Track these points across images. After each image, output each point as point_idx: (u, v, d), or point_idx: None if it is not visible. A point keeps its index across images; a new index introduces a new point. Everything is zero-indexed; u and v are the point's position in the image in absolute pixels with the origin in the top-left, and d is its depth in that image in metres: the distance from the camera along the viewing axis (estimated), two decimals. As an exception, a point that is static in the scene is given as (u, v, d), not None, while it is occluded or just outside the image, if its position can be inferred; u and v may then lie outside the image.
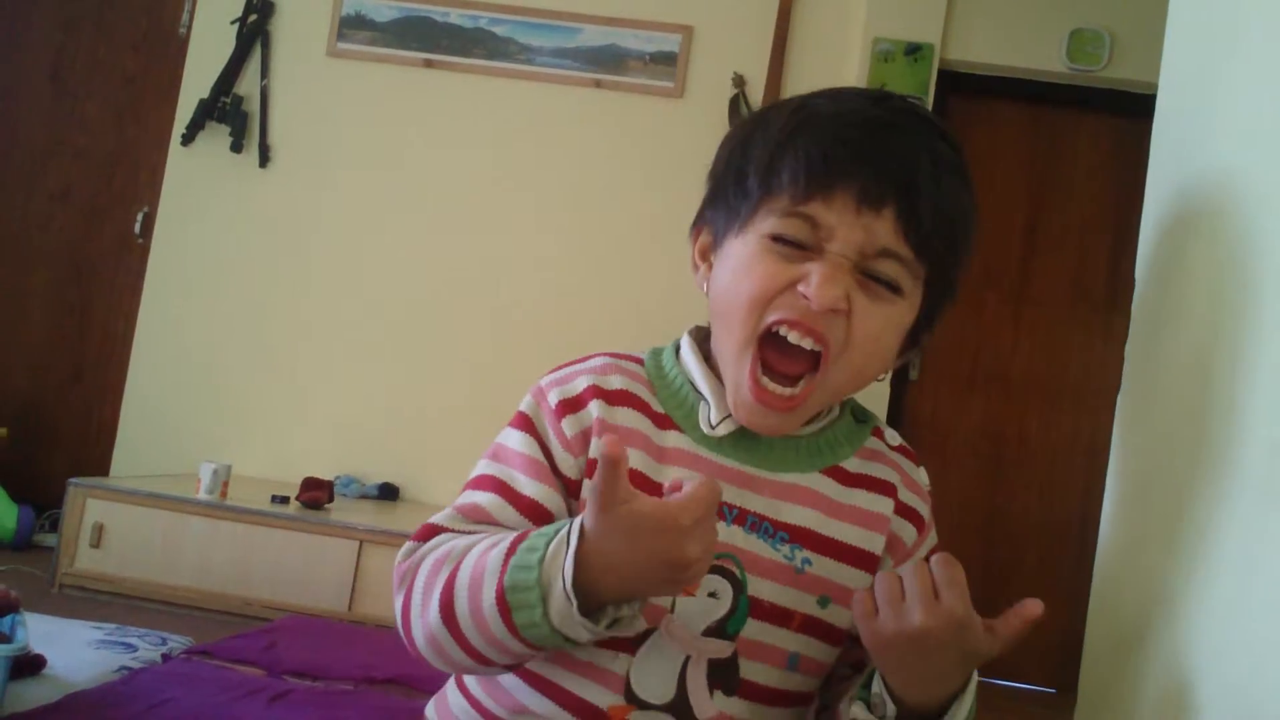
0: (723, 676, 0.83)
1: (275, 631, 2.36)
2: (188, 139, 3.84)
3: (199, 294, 3.84)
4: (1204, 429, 0.91)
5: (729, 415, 0.86)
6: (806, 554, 0.86)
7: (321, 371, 3.79)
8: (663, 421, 0.88)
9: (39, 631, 1.83)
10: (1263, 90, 0.91)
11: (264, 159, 3.84)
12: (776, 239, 0.82)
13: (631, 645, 0.82)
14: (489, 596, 0.74)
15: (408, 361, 3.76)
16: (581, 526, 0.72)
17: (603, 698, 0.82)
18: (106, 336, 4.00)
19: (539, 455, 0.86)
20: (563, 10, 3.79)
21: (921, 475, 0.95)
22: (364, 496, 3.56)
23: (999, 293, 3.72)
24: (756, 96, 3.65)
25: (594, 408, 0.86)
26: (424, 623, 0.79)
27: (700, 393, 0.89)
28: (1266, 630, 0.76)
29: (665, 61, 3.73)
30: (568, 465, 0.86)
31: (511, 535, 0.77)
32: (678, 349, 0.93)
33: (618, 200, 3.66)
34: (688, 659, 0.83)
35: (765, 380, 0.82)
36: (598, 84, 3.76)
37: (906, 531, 0.91)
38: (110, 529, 2.96)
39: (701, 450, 0.87)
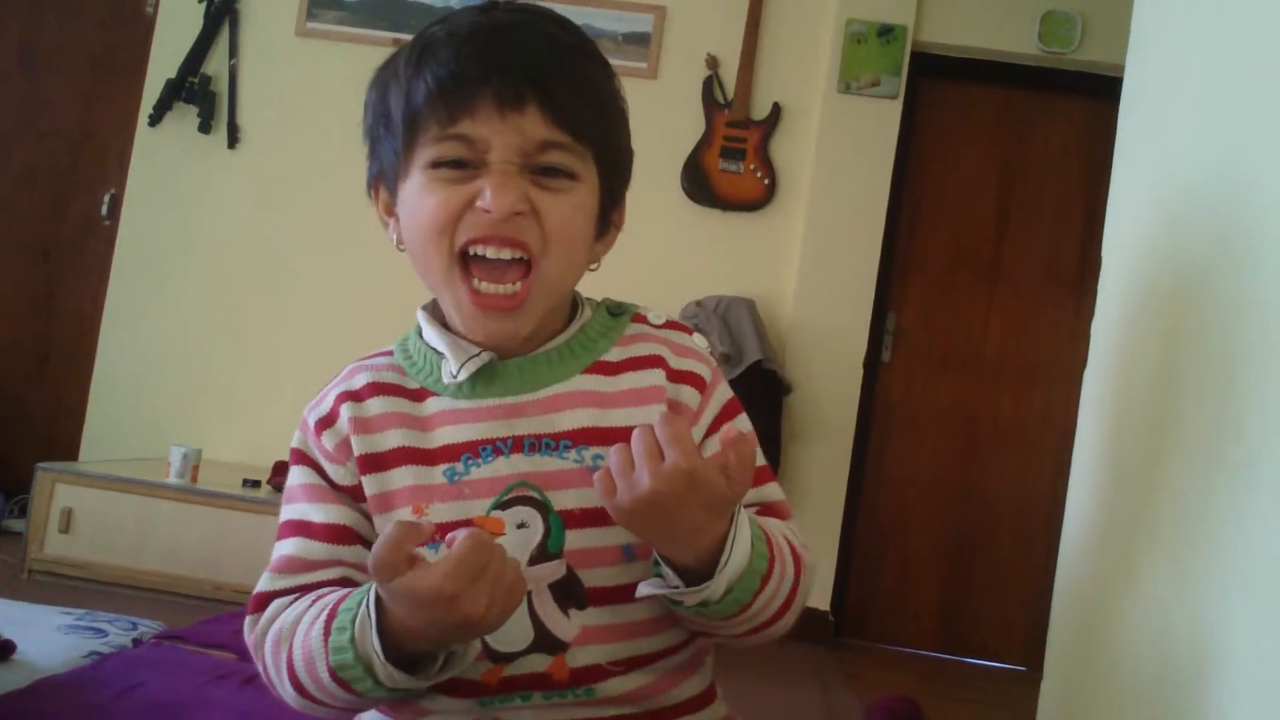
0: (569, 594, 0.84)
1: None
2: (155, 120, 3.79)
3: (167, 276, 3.80)
4: (1166, 405, 0.92)
5: (469, 359, 0.88)
6: (594, 450, 0.86)
7: (292, 354, 3.76)
8: (419, 395, 0.90)
9: (8, 617, 1.82)
10: (1225, 73, 0.91)
11: (232, 140, 3.80)
12: (437, 165, 0.84)
13: None
14: (324, 676, 0.77)
15: (378, 343, 3.72)
16: (378, 597, 0.75)
17: (471, 670, 0.82)
18: (74, 320, 3.96)
19: (316, 479, 0.89)
20: (535, -10, 3.76)
21: (696, 341, 0.95)
22: (337, 480, 3.55)
23: (971, 273, 3.74)
24: (730, 77, 3.64)
25: (343, 412, 0.89)
26: (287, 695, 0.82)
27: (439, 352, 0.91)
28: (1224, 601, 0.77)
29: (638, 42, 3.72)
30: (340, 475, 0.88)
31: (326, 608, 0.79)
32: (421, 330, 0.96)
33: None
34: (530, 595, 0.83)
35: (482, 285, 0.84)
36: (570, 65, 3.74)
37: (686, 394, 0.90)
38: (79, 514, 2.94)
39: (459, 402, 0.88)
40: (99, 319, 3.83)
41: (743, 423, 0.92)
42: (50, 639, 1.89)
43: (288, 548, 0.88)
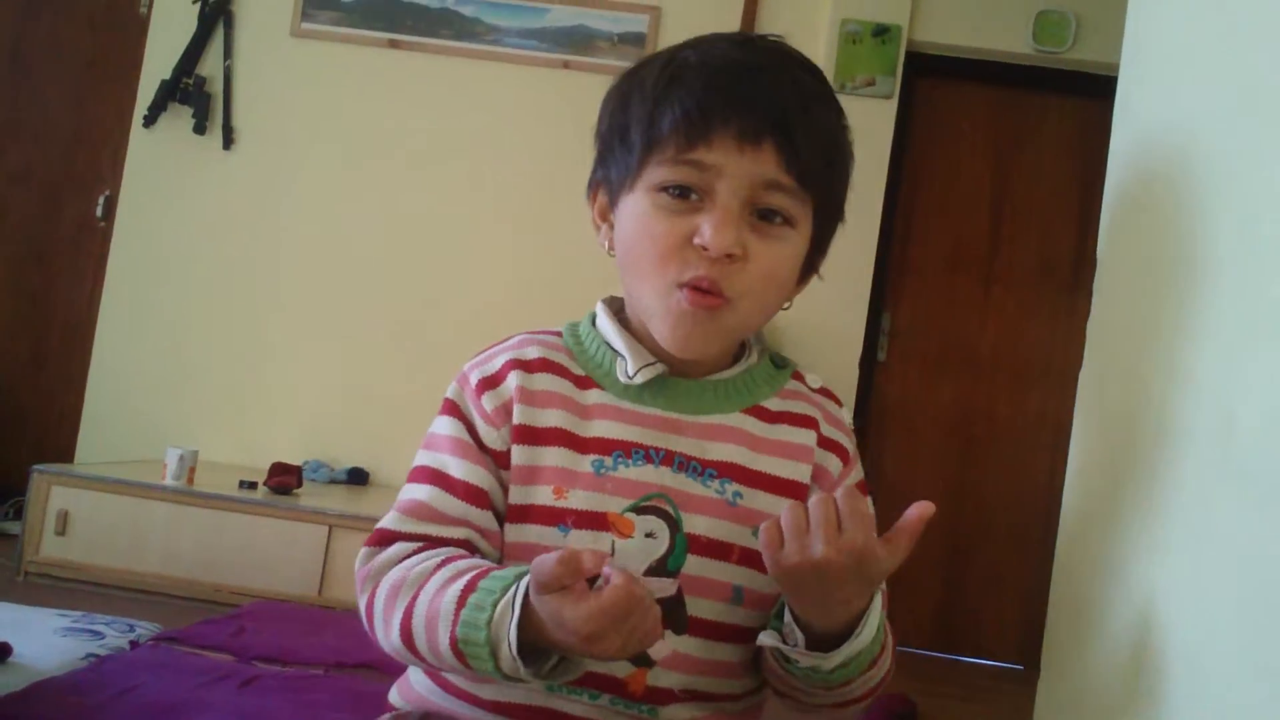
0: (672, 615, 0.85)
1: (244, 617, 2.34)
2: (150, 121, 3.78)
3: (163, 278, 3.79)
4: (1161, 405, 0.92)
5: (645, 365, 0.90)
6: (737, 487, 0.89)
7: (289, 356, 3.76)
8: (583, 382, 0.91)
9: (4, 620, 1.82)
10: (1220, 73, 0.92)
11: (227, 141, 3.79)
12: (665, 188, 0.85)
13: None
14: (444, 640, 0.78)
15: (376, 345, 3.74)
16: (526, 592, 0.75)
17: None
18: (69, 321, 3.95)
19: (465, 435, 0.90)
20: (530, -10, 3.77)
21: (844, 414, 0.98)
22: (333, 481, 3.54)
23: (966, 273, 3.75)
24: (725, 78, 3.64)
25: (512, 379, 0.90)
26: (388, 640, 0.83)
27: (616, 350, 0.92)
28: (1220, 601, 0.77)
29: (633, 42, 3.72)
30: (492, 438, 0.89)
31: (465, 574, 0.80)
32: (594, 319, 0.97)
33: (585, 180, 3.65)
34: None
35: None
36: (565, 65, 3.74)
37: (831, 463, 0.94)
38: (75, 516, 2.93)
39: (624, 402, 0.90)
40: (94, 320, 3.82)
41: (869, 505, 0.95)
42: (47, 641, 1.89)
43: (421, 493, 0.89)
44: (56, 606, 2.27)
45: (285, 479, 3.10)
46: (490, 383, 0.91)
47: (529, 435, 0.88)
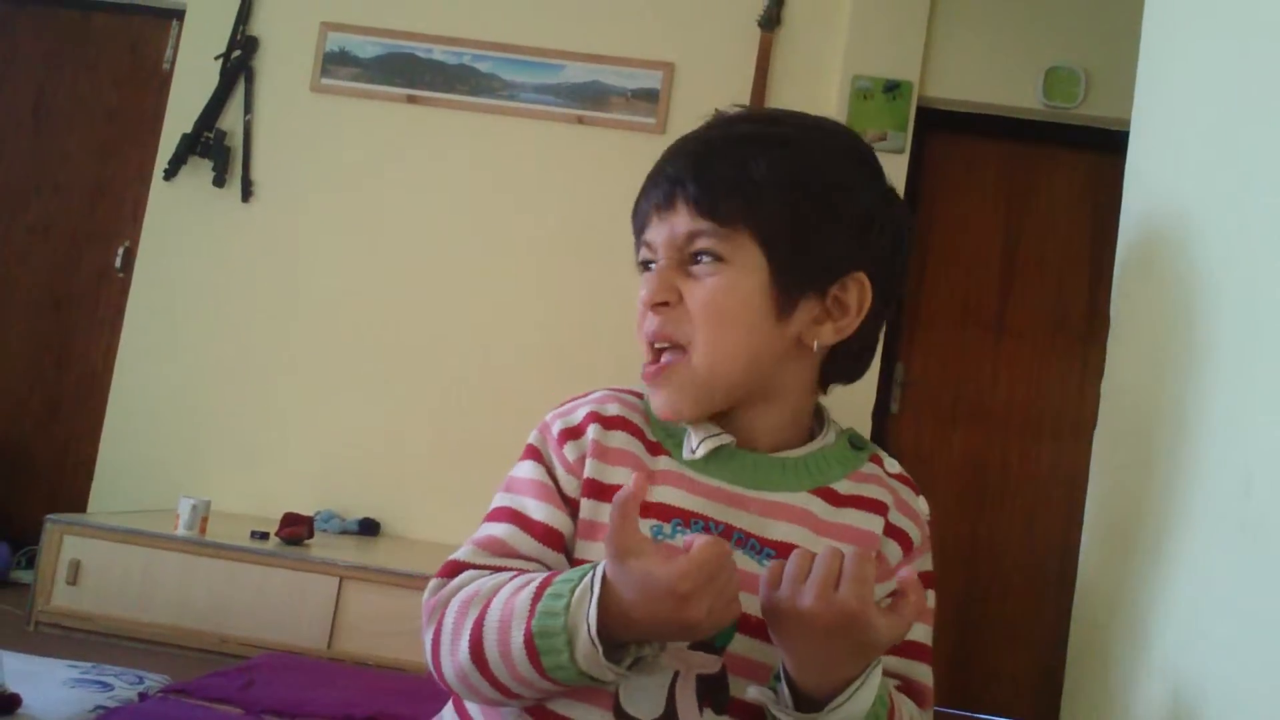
0: (712, 693, 0.84)
1: (253, 669, 2.33)
2: (170, 173, 3.84)
3: (179, 329, 3.82)
4: (1177, 464, 0.92)
5: (709, 436, 0.90)
6: None
7: (302, 407, 3.77)
8: (654, 448, 0.91)
9: (14, 670, 1.81)
10: (1232, 128, 0.93)
11: (246, 194, 3.84)
12: (643, 264, 0.94)
13: None
14: (518, 639, 0.77)
15: (389, 397, 3.75)
16: (604, 574, 0.75)
17: (592, 716, 0.82)
18: (85, 371, 3.98)
19: (546, 479, 0.91)
20: (546, 47, 3.83)
21: (921, 505, 0.97)
22: (344, 532, 3.54)
23: (979, 325, 3.75)
24: (737, 132, 3.67)
25: (590, 431, 0.91)
26: (454, 660, 0.82)
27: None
28: (1242, 660, 0.77)
29: (647, 98, 3.77)
30: (571, 487, 0.90)
31: (538, 578, 0.80)
32: None
33: (600, 235, 3.68)
34: (677, 675, 0.83)
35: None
36: (580, 120, 3.79)
37: (891, 550, 0.92)
38: (87, 566, 2.93)
39: (687, 471, 0.90)
40: (110, 371, 3.85)
41: (930, 599, 0.95)
42: (56, 692, 1.88)
43: (499, 530, 0.89)
44: (66, 657, 2.26)
45: (296, 529, 3.10)
46: (572, 433, 0.92)
47: (596, 490, 0.88)
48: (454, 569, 0.87)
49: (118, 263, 3.98)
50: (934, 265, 3.78)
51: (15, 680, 1.74)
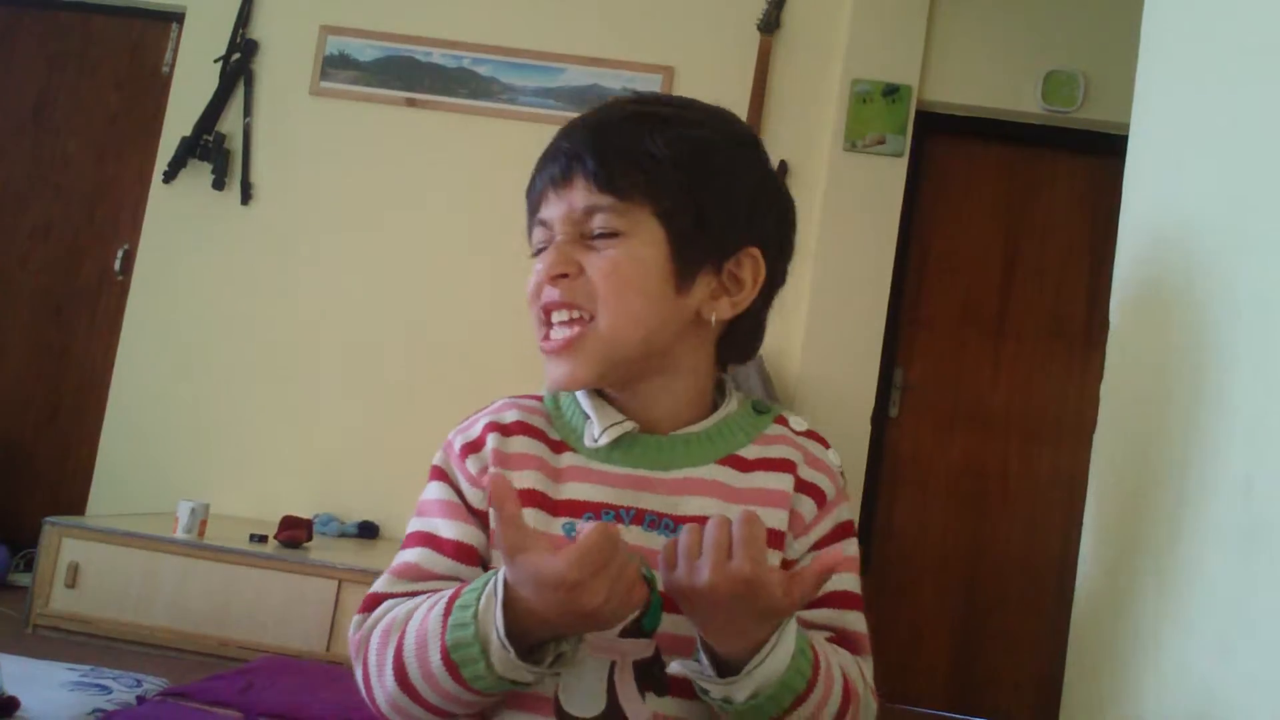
0: (650, 677, 0.84)
1: (252, 672, 2.33)
2: (169, 176, 3.84)
3: (179, 332, 3.82)
4: (1177, 468, 0.92)
5: (612, 424, 0.91)
6: None
7: (301, 409, 3.77)
8: (558, 446, 0.92)
9: (13, 673, 1.81)
10: (1230, 131, 0.93)
11: (246, 197, 3.84)
12: (535, 252, 0.95)
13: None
14: (435, 658, 0.78)
15: (388, 400, 3.75)
16: (504, 577, 0.76)
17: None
18: (85, 374, 3.98)
19: (452, 497, 0.91)
20: (545, 51, 3.83)
21: (831, 457, 0.96)
22: (343, 535, 3.54)
23: (978, 329, 3.75)
24: (737, 136, 3.68)
25: (490, 441, 0.92)
26: (383, 690, 0.83)
27: (586, 413, 0.93)
28: (1242, 664, 0.77)
29: (646, 101, 3.77)
30: (477, 499, 0.91)
31: (446, 594, 0.81)
32: None
33: (599, 238, 3.68)
34: (613, 665, 0.84)
35: (551, 334, 0.92)
36: (580, 123, 3.79)
37: (805, 506, 0.91)
38: (86, 568, 2.93)
39: (593, 463, 0.91)
40: (109, 373, 3.85)
41: (850, 547, 0.93)
42: (54, 696, 1.88)
43: (412, 556, 0.90)
44: (65, 660, 2.26)
45: (295, 532, 3.10)
46: (472, 448, 0.92)
47: None
48: (373, 602, 0.88)
49: (117, 265, 3.98)
50: (933, 269, 3.78)
51: (13, 683, 1.74)
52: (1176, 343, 0.96)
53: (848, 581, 0.91)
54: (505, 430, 0.93)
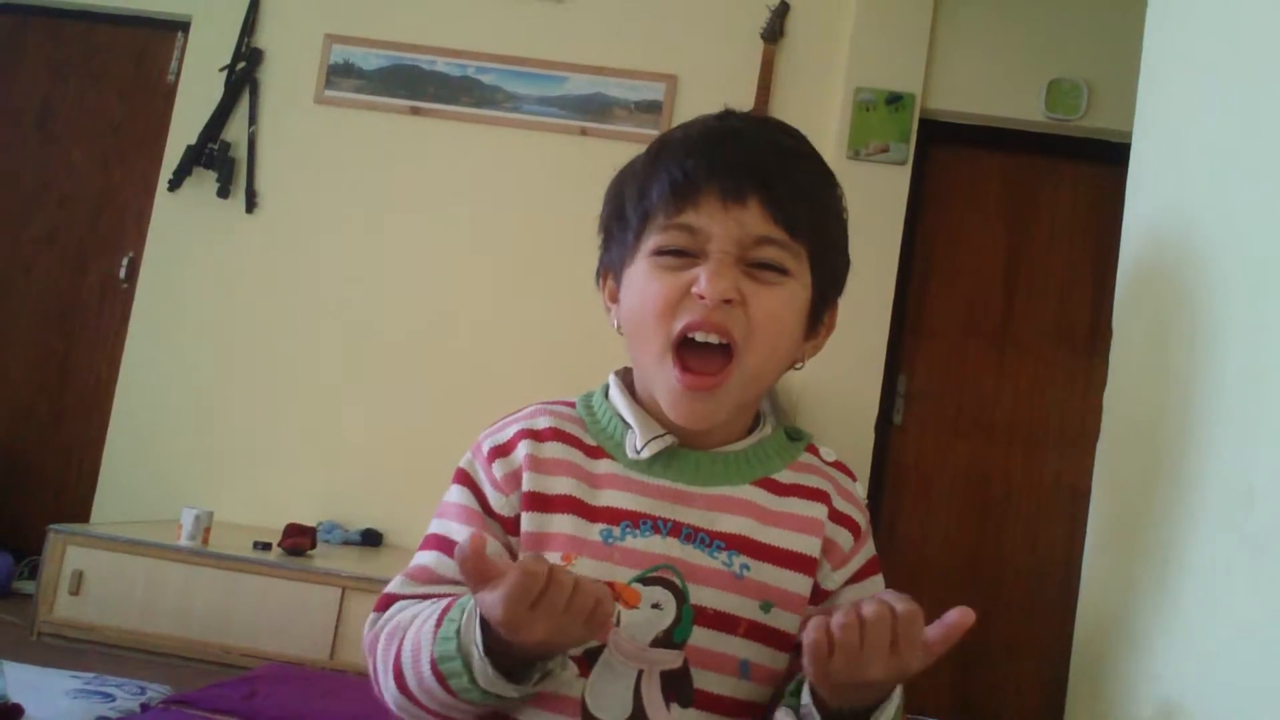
0: (677, 688, 0.85)
1: (255, 680, 2.33)
2: (174, 185, 3.85)
3: (183, 339, 3.83)
4: (1180, 477, 0.92)
5: (654, 438, 0.91)
6: (744, 560, 0.88)
7: (305, 417, 3.77)
8: (594, 452, 0.93)
9: (17, 680, 1.81)
10: (1232, 139, 0.93)
11: (250, 205, 3.85)
12: (661, 252, 0.89)
13: (585, 665, 0.85)
14: (425, 668, 0.80)
15: (392, 407, 3.75)
16: None
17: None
18: (89, 381, 3.98)
19: (473, 504, 0.92)
20: (549, 59, 3.84)
21: (857, 489, 0.98)
22: (347, 543, 3.54)
23: (982, 337, 3.75)
24: (740, 144, 3.68)
25: (522, 448, 0.92)
26: (389, 691, 0.85)
27: (627, 422, 0.93)
28: (1245, 672, 0.77)
29: (650, 110, 3.78)
30: (501, 504, 0.91)
31: (442, 604, 0.83)
32: (607, 391, 0.99)
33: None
34: (641, 673, 0.84)
35: (690, 366, 0.88)
36: (584, 132, 3.80)
37: (842, 537, 0.93)
38: (90, 576, 2.93)
39: (633, 473, 0.91)
40: (114, 381, 3.86)
41: (880, 580, 0.96)
42: (58, 703, 1.88)
43: (426, 559, 0.91)
44: (69, 667, 2.27)
45: (299, 540, 3.10)
46: (501, 451, 0.93)
47: (539, 502, 0.89)
48: (386, 602, 0.90)
49: (122, 273, 3.99)
50: (937, 277, 3.78)
51: (18, 690, 1.74)
52: (1179, 351, 0.96)
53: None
54: (539, 436, 0.93)
